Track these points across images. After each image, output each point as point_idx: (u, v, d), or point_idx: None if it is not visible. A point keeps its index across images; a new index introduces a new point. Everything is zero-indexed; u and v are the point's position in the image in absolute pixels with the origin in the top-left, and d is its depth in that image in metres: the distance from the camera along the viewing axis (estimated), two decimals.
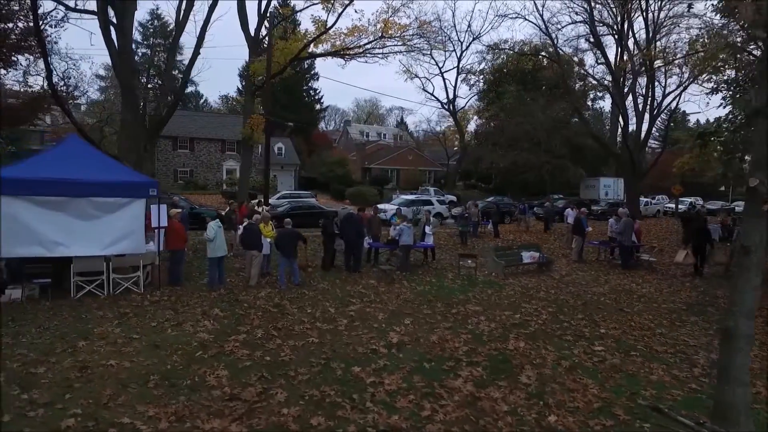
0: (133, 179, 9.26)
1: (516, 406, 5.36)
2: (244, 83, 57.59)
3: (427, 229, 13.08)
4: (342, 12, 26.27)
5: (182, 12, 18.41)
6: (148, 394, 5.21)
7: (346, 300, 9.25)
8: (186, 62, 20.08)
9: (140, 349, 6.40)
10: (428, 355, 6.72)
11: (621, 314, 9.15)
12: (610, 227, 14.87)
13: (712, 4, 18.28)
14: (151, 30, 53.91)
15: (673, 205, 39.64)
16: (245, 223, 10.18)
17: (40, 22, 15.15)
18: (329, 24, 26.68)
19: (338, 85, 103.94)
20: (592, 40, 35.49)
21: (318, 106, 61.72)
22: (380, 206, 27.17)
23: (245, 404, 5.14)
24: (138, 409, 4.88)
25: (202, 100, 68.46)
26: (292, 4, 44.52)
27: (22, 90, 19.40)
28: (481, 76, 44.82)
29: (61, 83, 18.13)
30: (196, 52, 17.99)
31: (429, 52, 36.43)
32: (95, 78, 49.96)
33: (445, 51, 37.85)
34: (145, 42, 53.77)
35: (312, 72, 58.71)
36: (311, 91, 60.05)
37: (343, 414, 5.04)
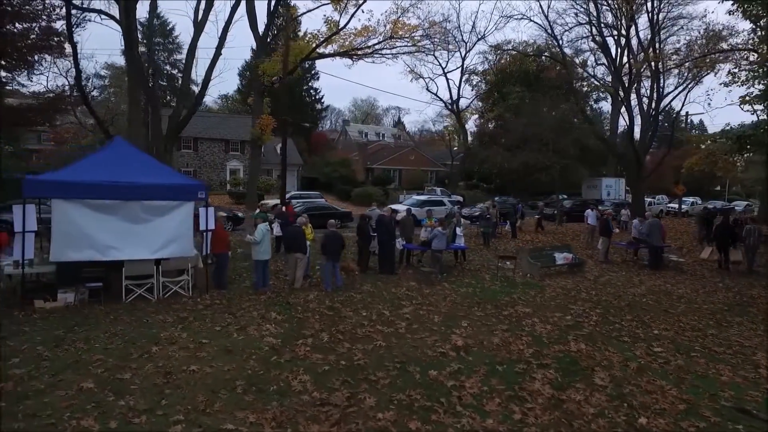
0: (182, 182, 9.22)
1: (602, 409, 5.43)
2: (244, 83, 57.49)
3: (458, 230, 13.14)
4: (354, 13, 26.34)
5: (201, 12, 18.33)
6: (241, 400, 5.21)
7: (395, 302, 9.27)
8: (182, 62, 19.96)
9: (214, 354, 6.39)
10: (497, 358, 6.78)
11: (667, 315, 9.27)
12: (634, 228, 15.02)
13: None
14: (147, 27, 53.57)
15: (676, 205, 40.08)
16: (290, 226, 10.15)
17: (61, 23, 15.07)
18: (341, 24, 26.77)
19: (334, 85, 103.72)
20: (598, 40, 35.86)
21: (318, 106, 61.62)
22: (393, 206, 27.38)
23: (338, 409, 5.16)
24: (237, 416, 4.89)
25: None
26: (292, 3, 44.27)
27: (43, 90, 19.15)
28: (485, 77, 45.01)
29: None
30: (217, 53, 17.91)
31: (433, 53, 36.53)
32: (95, 77, 49.56)
33: (449, 52, 37.97)
34: (144, 41, 53.30)
35: (312, 72, 58.54)
36: (312, 91, 59.94)
37: (437, 418, 5.08)
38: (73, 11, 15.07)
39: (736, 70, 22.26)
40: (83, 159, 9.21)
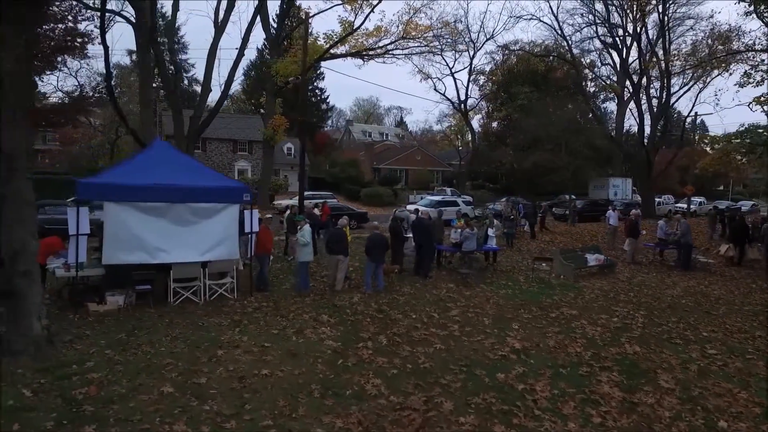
0: (228, 184, 9.23)
1: (677, 412, 5.45)
2: (248, 82, 57.41)
3: (490, 231, 13.15)
4: (369, 13, 26.33)
5: (222, 12, 18.36)
6: (322, 405, 5.22)
7: (440, 305, 9.29)
8: (188, 62, 20.05)
9: (280, 358, 6.39)
10: (558, 361, 6.79)
11: (710, 317, 9.30)
12: (660, 229, 15.06)
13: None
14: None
15: (684, 205, 40.13)
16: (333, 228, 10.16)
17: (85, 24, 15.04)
18: (356, 25, 26.78)
19: (336, 85, 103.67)
20: (607, 40, 35.94)
21: (324, 106, 61.59)
22: (407, 207, 27.40)
23: (418, 413, 5.17)
24: (323, 420, 4.90)
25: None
26: (304, 4, 44.35)
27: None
28: (491, 78, 45.04)
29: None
30: (240, 53, 17.93)
31: (440, 53, 36.59)
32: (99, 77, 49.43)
33: (457, 52, 38.00)
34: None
35: (318, 71, 58.47)
36: (317, 91, 59.89)
37: (519, 422, 5.10)
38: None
39: (752, 71, 22.36)
40: (127, 161, 9.18)
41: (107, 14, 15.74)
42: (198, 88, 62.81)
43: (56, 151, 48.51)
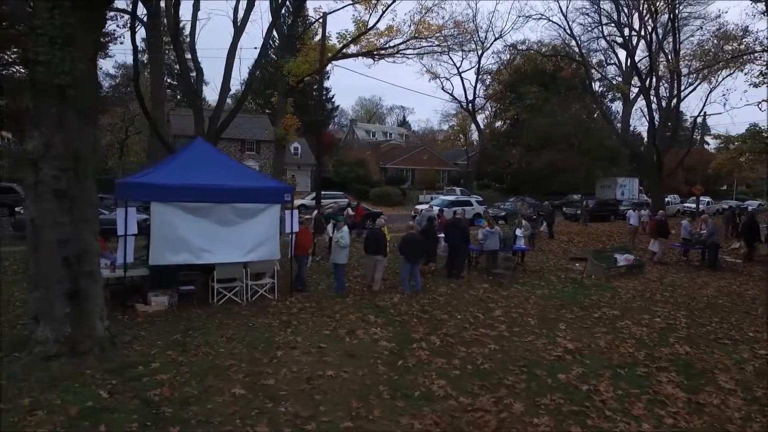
0: (270, 185, 9.22)
1: (746, 413, 5.44)
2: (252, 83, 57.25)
3: (519, 231, 13.15)
4: (384, 12, 26.31)
5: (241, 12, 18.29)
6: (394, 406, 5.21)
7: (482, 305, 9.29)
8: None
9: (339, 359, 6.38)
10: (613, 361, 6.79)
11: (749, 317, 9.29)
12: (683, 229, 15.08)
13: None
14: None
15: (693, 205, 40.19)
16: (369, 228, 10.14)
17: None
18: (370, 24, 26.76)
19: (338, 84, 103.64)
20: (618, 40, 35.98)
21: (329, 106, 61.54)
22: (418, 207, 27.40)
23: (490, 414, 5.16)
24: (401, 422, 4.89)
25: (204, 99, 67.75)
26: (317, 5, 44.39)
27: None
28: (498, 78, 45.03)
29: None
30: (263, 53, 17.83)
31: (448, 53, 36.60)
32: (105, 77, 49.34)
33: (465, 51, 37.96)
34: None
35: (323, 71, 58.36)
36: (322, 91, 59.77)
37: (593, 423, 5.09)
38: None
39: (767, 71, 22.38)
40: (168, 160, 9.17)
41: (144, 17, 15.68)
42: (203, 87, 62.86)
43: None
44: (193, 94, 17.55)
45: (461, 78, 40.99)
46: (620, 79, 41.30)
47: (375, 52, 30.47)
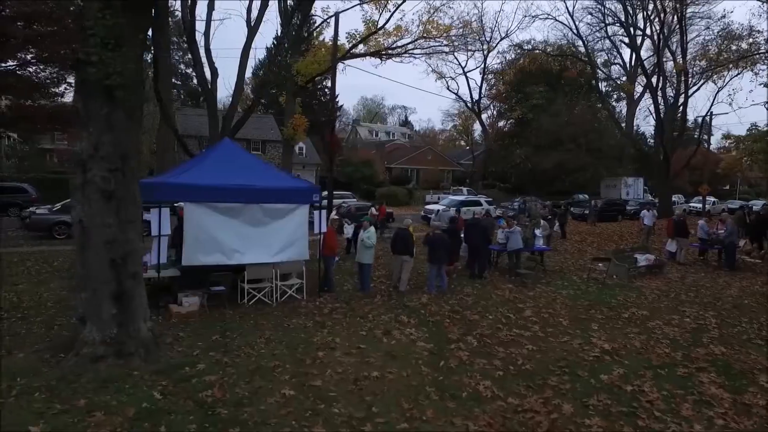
0: (299, 185, 9.20)
1: None
2: (255, 82, 57.11)
3: (537, 231, 13.14)
4: (394, 12, 26.29)
5: (255, 12, 18.28)
6: (445, 407, 5.21)
7: (511, 305, 9.28)
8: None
9: (381, 360, 6.38)
10: (652, 362, 6.78)
11: None
12: (700, 229, 15.07)
13: None
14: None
15: (699, 205, 40.22)
16: (398, 228, 10.14)
17: None
18: (380, 24, 26.74)
19: (340, 84, 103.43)
20: (626, 40, 36.01)
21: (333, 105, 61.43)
22: (427, 207, 27.39)
23: (541, 416, 5.16)
24: (455, 422, 4.89)
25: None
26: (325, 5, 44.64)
27: None
28: (502, 78, 45.05)
29: None
30: (277, 53, 17.83)
31: (452, 53, 36.56)
32: None
33: (470, 51, 37.96)
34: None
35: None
36: (326, 90, 59.73)
37: (644, 424, 5.09)
38: None
39: None
40: (195, 160, 9.15)
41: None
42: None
43: (63, 150, 48.34)
44: (209, 94, 17.55)
45: (466, 78, 40.96)
46: (624, 78, 41.39)
47: (383, 52, 30.46)
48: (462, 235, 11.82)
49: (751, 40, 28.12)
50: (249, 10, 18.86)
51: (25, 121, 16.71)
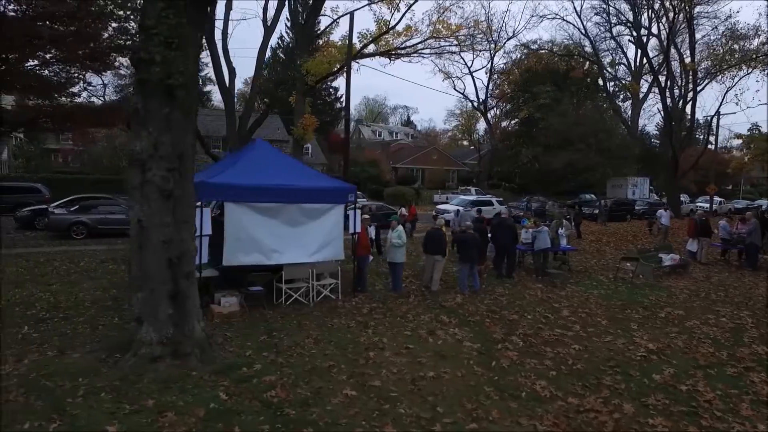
0: (335, 185, 9.19)
1: None
2: (260, 81, 57.06)
3: (561, 231, 13.13)
4: (406, 11, 26.28)
5: (270, 11, 18.30)
6: (508, 407, 5.19)
7: (547, 305, 9.28)
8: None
9: (431, 360, 6.36)
10: (699, 361, 6.77)
11: None
12: (722, 229, 15.09)
13: None
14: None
15: (707, 204, 40.26)
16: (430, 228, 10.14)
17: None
18: (392, 23, 26.72)
19: (341, 84, 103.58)
20: (632, 40, 36.02)
21: (338, 105, 61.49)
22: (439, 207, 27.39)
23: (603, 415, 5.15)
24: (522, 423, 4.88)
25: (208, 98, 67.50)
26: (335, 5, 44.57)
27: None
28: (508, 77, 45.05)
29: None
30: (294, 53, 17.81)
31: (458, 53, 36.55)
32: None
33: (477, 51, 37.94)
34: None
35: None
36: (331, 90, 59.81)
37: (708, 423, 5.08)
38: None
39: None
40: (229, 160, 9.13)
41: None
42: (208, 87, 62.71)
43: (68, 150, 48.25)
44: (227, 94, 17.52)
45: (472, 77, 41.01)
46: (629, 78, 41.46)
47: (392, 52, 30.45)
48: (489, 235, 11.79)
49: (757, 40, 28.27)
50: (265, 10, 18.92)
51: (43, 120, 16.68)
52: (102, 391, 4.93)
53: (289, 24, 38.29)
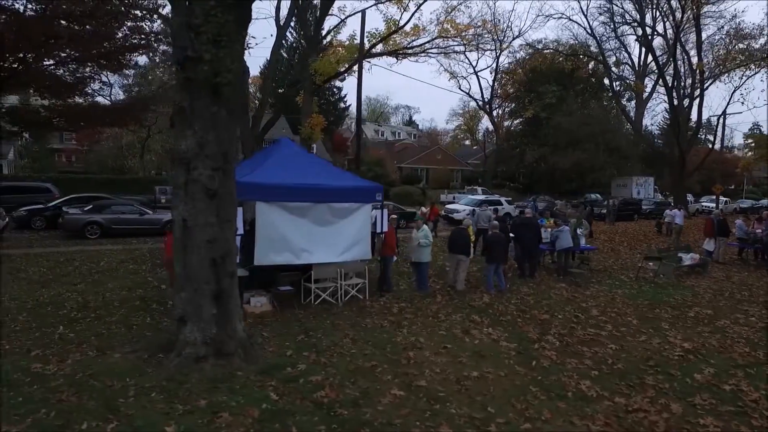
0: (362, 184, 9.17)
1: None
2: (263, 81, 57.07)
3: (579, 231, 13.10)
4: (415, 11, 26.25)
5: (283, 11, 18.25)
6: (557, 407, 5.17)
7: (575, 305, 9.26)
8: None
9: (472, 359, 6.34)
10: (737, 361, 6.75)
11: None
12: (739, 229, 15.07)
13: None
14: None
15: (713, 204, 40.26)
16: (455, 228, 10.10)
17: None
18: (401, 23, 26.72)
19: (347, 84, 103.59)
20: (638, 39, 35.96)
21: (342, 105, 61.47)
22: (449, 207, 27.35)
23: (653, 415, 5.12)
24: (575, 423, 4.85)
25: None
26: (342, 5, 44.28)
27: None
28: (512, 77, 45.01)
29: None
30: (308, 53, 17.79)
31: (464, 53, 36.52)
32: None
33: (482, 50, 37.92)
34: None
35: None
36: (335, 90, 59.73)
37: (759, 424, 5.06)
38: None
39: None
40: (257, 159, 9.11)
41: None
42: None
43: (72, 150, 48.23)
44: (242, 95, 17.46)
45: (477, 77, 40.95)
46: (633, 78, 41.43)
47: (400, 52, 30.44)
48: (511, 235, 11.75)
49: (762, 39, 28.24)
50: (278, 9, 18.87)
51: (57, 120, 16.65)
52: (152, 391, 4.90)
53: (294, 24, 38.17)
